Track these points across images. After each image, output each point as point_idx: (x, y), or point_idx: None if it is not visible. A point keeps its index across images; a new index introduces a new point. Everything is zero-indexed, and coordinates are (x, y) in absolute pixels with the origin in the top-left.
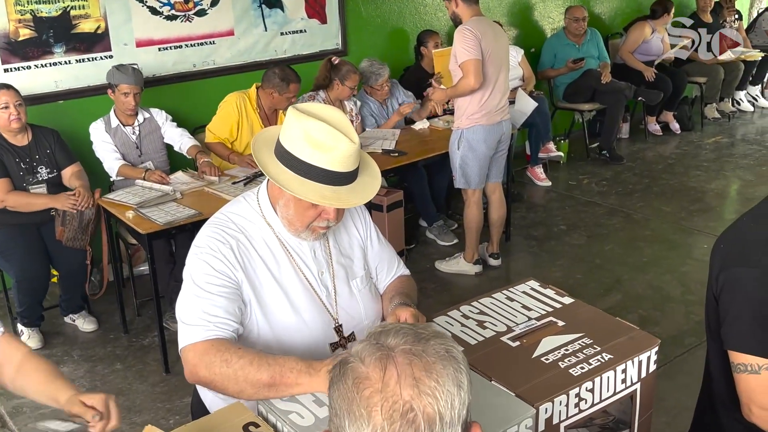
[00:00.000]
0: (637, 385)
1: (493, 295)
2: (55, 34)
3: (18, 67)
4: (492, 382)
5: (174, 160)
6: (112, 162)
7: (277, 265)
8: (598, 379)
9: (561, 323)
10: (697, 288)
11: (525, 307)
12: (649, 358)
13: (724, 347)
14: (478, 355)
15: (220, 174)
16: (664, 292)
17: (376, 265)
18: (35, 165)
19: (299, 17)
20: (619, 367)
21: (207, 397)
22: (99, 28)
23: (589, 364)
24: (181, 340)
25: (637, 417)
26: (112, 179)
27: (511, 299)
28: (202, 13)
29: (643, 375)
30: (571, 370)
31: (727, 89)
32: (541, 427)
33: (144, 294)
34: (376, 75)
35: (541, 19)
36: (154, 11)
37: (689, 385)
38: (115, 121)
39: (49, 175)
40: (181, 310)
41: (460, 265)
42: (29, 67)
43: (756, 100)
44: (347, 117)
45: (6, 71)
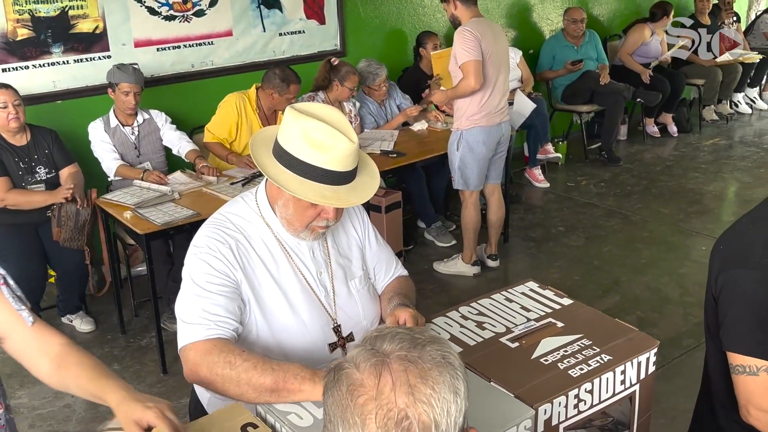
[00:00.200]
0: (636, 387)
1: (492, 296)
2: (53, 34)
3: (16, 67)
4: (491, 383)
5: (172, 161)
6: (110, 162)
7: (275, 265)
8: (597, 381)
9: (560, 324)
10: (695, 290)
11: (524, 308)
12: (648, 360)
13: (722, 348)
14: (477, 356)
15: (218, 174)
16: (662, 293)
17: (374, 266)
18: (34, 165)
19: (298, 18)
20: (619, 369)
21: (205, 397)
22: (97, 28)
23: (589, 365)
24: (181, 339)
25: (636, 418)
26: (110, 179)
27: (510, 300)
28: (200, 13)
29: (642, 376)
30: (570, 371)
31: (726, 91)
32: (540, 429)
33: (141, 294)
34: (374, 75)
35: (540, 20)
36: (152, 11)
37: (687, 386)
38: (114, 121)
39: (48, 175)
40: (181, 309)
41: (458, 266)
42: (27, 67)
43: (754, 102)
44: (346, 117)
45: (4, 71)
